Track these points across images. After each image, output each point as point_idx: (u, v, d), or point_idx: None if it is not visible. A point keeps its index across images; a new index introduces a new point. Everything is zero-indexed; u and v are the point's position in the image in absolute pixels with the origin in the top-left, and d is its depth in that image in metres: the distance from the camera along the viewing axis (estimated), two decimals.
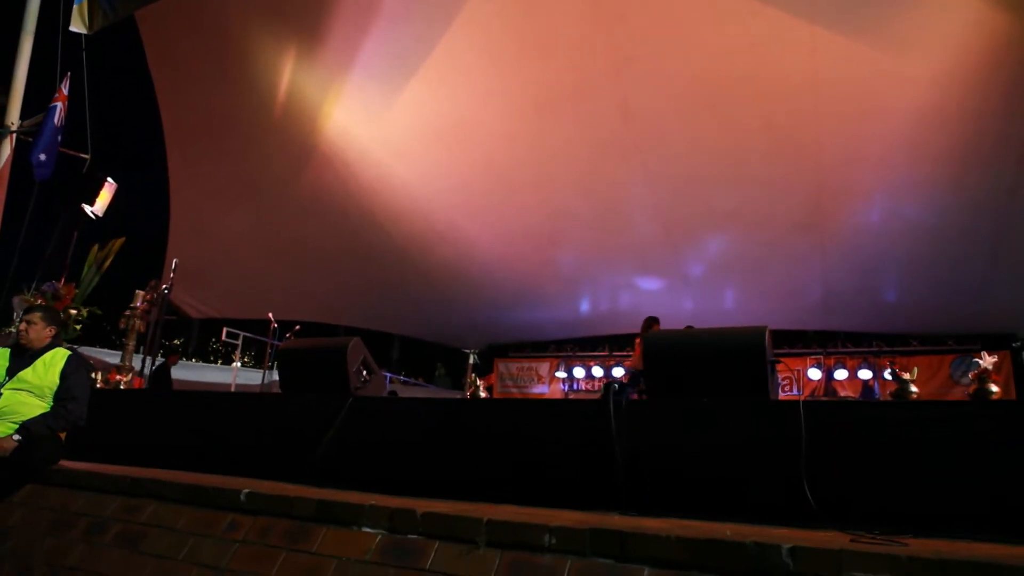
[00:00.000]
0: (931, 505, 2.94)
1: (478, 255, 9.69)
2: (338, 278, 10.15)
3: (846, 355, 10.60)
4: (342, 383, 4.33)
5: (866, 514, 3.01)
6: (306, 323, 9.85)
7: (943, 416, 3.02)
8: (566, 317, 11.17)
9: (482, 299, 10.73)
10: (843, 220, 8.19)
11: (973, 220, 7.63)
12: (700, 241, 9.09)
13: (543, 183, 8.30)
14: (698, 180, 8.03)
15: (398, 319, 11.86)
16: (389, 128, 7.78)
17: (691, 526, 2.77)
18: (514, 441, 3.82)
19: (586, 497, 3.54)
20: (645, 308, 10.71)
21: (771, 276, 9.42)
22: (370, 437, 4.17)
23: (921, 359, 10.29)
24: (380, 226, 9.15)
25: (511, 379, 12.65)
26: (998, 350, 9.85)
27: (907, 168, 7.28)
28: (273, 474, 4.27)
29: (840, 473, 3.12)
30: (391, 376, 12.50)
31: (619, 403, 3.55)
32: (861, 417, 3.17)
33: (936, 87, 6.37)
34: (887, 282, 9.17)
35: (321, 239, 9.39)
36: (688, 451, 3.42)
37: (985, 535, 2.79)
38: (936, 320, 9.74)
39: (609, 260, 9.69)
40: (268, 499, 2.88)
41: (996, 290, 8.60)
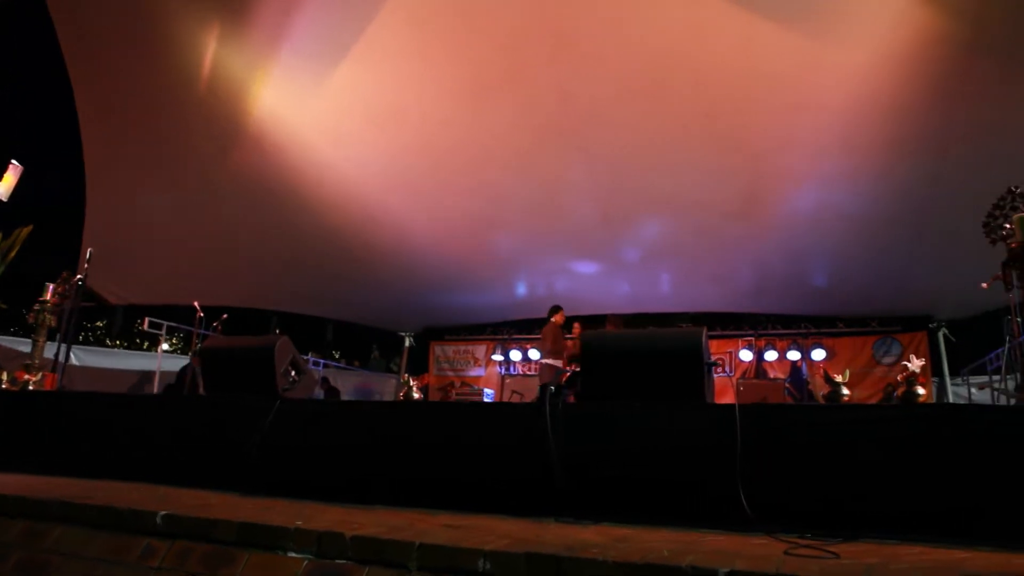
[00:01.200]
0: (865, 507, 2.98)
1: (413, 238, 9.50)
2: (268, 262, 9.82)
3: (776, 337, 10.88)
4: (269, 384, 4.15)
5: (801, 516, 3.04)
6: (235, 309, 9.49)
7: (875, 418, 3.06)
8: (503, 300, 11.10)
9: (418, 282, 10.57)
10: (776, 207, 8.32)
11: (898, 209, 7.85)
12: (637, 226, 9.12)
13: (480, 167, 8.16)
14: (635, 165, 8.02)
15: (331, 303, 11.58)
16: (320, 110, 7.48)
17: (628, 537, 2.74)
18: (450, 445, 3.73)
19: (524, 502, 3.48)
20: (582, 292, 10.78)
21: (706, 261, 9.55)
22: (300, 441, 4.01)
23: (846, 340, 10.67)
24: (312, 209, 8.85)
25: (447, 362, 12.55)
26: (916, 331, 10.30)
27: (838, 158, 7.42)
28: (198, 481, 4.07)
29: (775, 475, 3.14)
30: (324, 363, 12.20)
31: (555, 406, 3.49)
32: (795, 420, 3.19)
33: (866, 80, 6.47)
34: (816, 267, 9.41)
35: (250, 222, 9.04)
36: (625, 455, 3.39)
37: (916, 537, 2.85)
38: (861, 303, 10.08)
39: (546, 244, 9.65)
40: (186, 521, 2.70)
41: (916, 275, 8.92)
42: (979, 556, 2.56)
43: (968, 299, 9.19)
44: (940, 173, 7.18)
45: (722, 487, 3.12)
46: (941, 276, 8.81)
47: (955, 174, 7.10)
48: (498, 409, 3.70)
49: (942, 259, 8.41)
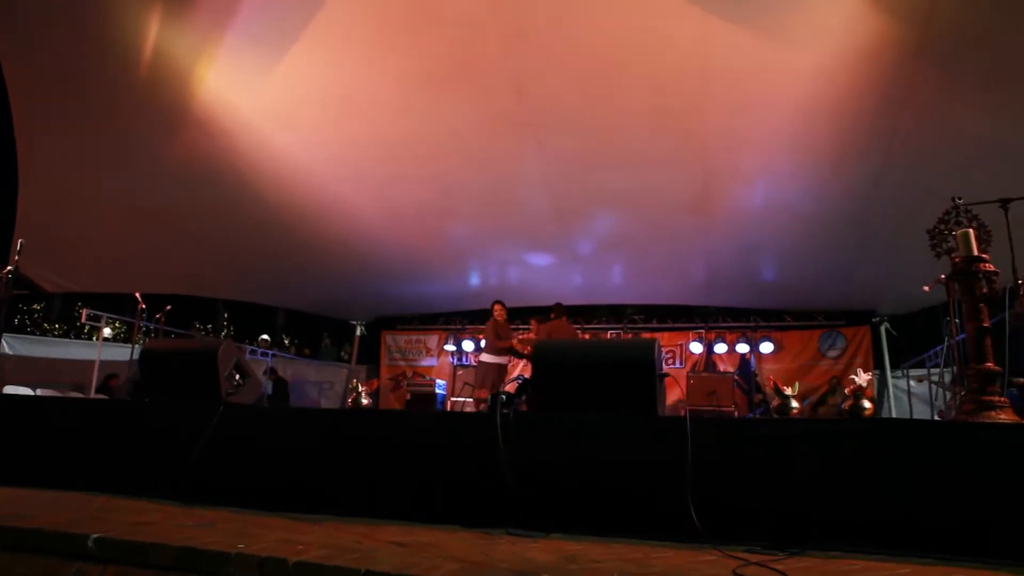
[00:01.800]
0: (812, 519, 3.02)
1: (365, 228, 9.34)
2: (216, 250, 9.53)
3: (726, 330, 11.06)
4: (213, 389, 4.01)
5: (751, 529, 3.07)
6: (181, 297, 9.22)
7: (822, 432, 3.10)
8: (455, 290, 11.03)
9: (369, 272, 10.41)
10: (727, 203, 8.41)
11: (845, 206, 8.01)
12: (590, 219, 9.13)
13: (432, 157, 8.04)
14: (589, 159, 8.01)
15: (281, 292, 11.33)
16: (269, 96, 7.25)
17: (578, 556, 2.72)
18: (399, 454, 3.66)
19: (474, 512, 3.45)
20: (535, 282, 10.78)
21: (658, 254, 9.62)
22: (245, 448, 3.90)
23: (793, 333, 10.91)
24: (261, 197, 8.61)
25: (399, 352, 12.43)
26: (860, 325, 10.58)
27: (788, 156, 7.52)
28: (140, 489, 3.94)
29: (726, 488, 3.16)
30: (272, 354, 11.95)
31: (506, 416, 3.45)
32: (745, 433, 3.22)
33: (817, 81, 6.55)
34: (766, 262, 9.56)
35: (196, 209, 8.75)
36: (577, 466, 3.38)
37: (862, 549, 2.91)
38: (808, 298, 10.31)
39: (499, 235, 9.60)
40: (120, 545, 2.59)
41: (861, 271, 9.14)
42: (918, 571, 2.62)
43: (909, 296, 9.47)
44: (884, 175, 7.34)
45: (673, 499, 3.13)
46: (884, 273, 9.05)
47: (898, 176, 7.27)
48: (449, 418, 3.65)
49: (885, 257, 8.62)
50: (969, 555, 2.80)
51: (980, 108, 6.29)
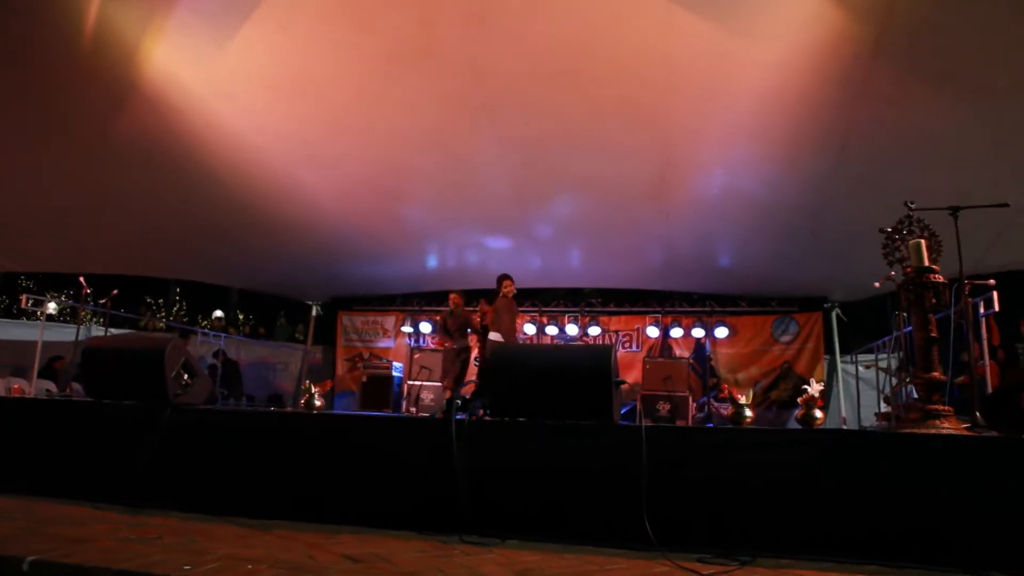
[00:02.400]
0: (764, 528, 3.07)
1: (319, 209, 9.14)
2: (166, 229, 9.24)
3: (682, 314, 11.18)
4: (160, 389, 3.89)
5: (704, 536, 3.12)
6: (130, 278, 8.93)
7: (775, 442, 3.14)
8: (413, 272, 10.91)
9: (324, 253, 10.22)
10: (686, 191, 8.44)
11: (799, 198, 8.10)
12: (549, 204, 9.08)
13: (388, 139, 7.87)
14: (548, 144, 7.93)
15: (234, 271, 11.07)
16: (220, 73, 6.99)
17: (531, 569, 2.72)
18: (353, 458, 3.61)
19: (429, 518, 3.43)
20: (493, 264, 10.69)
21: (616, 240, 9.63)
22: (194, 452, 3.80)
23: (747, 319, 11.09)
24: (211, 175, 8.34)
25: (355, 333, 12.28)
26: (812, 311, 10.80)
27: (746, 146, 7.55)
28: (85, 493, 3.82)
29: (680, 496, 3.19)
30: (225, 336, 11.69)
31: (461, 423, 3.42)
32: (699, 443, 3.24)
33: (776, 73, 6.56)
34: (722, 249, 9.66)
35: (144, 187, 8.44)
36: (532, 473, 3.37)
37: (811, 556, 2.97)
38: (762, 284, 10.47)
39: (457, 218, 9.49)
40: (58, 569, 2.50)
41: (815, 260, 9.30)
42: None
43: (860, 284, 9.66)
44: (839, 167, 7.43)
45: (628, 508, 3.15)
46: (836, 262, 9.21)
47: (853, 169, 7.36)
48: (405, 424, 3.60)
49: (838, 247, 8.77)
50: (916, 563, 2.89)
51: (936, 105, 6.39)
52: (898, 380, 8.02)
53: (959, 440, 2.97)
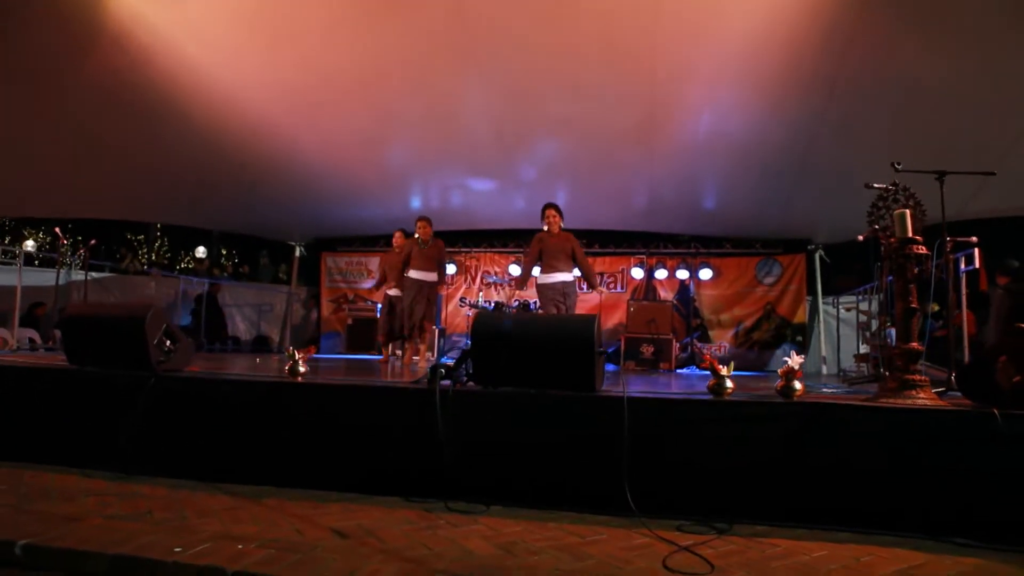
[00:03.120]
0: (742, 496, 3.17)
1: (299, 153, 8.96)
2: (141, 173, 9.04)
3: (667, 256, 11.20)
4: (142, 358, 3.88)
5: (683, 503, 3.21)
6: (108, 223, 8.78)
7: (756, 415, 3.20)
8: (396, 213, 10.78)
9: (306, 195, 10.08)
10: (672, 134, 8.33)
11: (787, 140, 8.03)
12: (532, 146, 8.94)
13: (369, 83, 7.66)
14: (533, 87, 7.76)
15: (213, 214, 10.87)
16: (193, 15, 6.72)
17: (515, 543, 2.80)
18: (340, 425, 3.65)
19: (417, 484, 3.50)
20: (477, 207, 10.65)
21: (601, 182, 9.55)
22: (180, 419, 3.83)
23: (731, 260, 11.14)
24: (187, 119, 8.11)
25: (340, 274, 12.23)
26: (796, 253, 10.86)
27: (734, 89, 7.43)
28: (73, 459, 3.85)
29: (659, 465, 3.27)
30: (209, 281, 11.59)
31: (445, 393, 3.46)
32: (681, 414, 3.30)
33: (767, 14, 6.40)
34: (707, 191, 9.61)
35: (117, 131, 8.21)
36: (515, 442, 3.43)
37: (788, 523, 3.08)
38: (747, 226, 10.47)
39: (440, 161, 9.35)
40: (51, 553, 2.54)
41: (799, 202, 9.28)
42: (833, 551, 2.78)
43: (844, 226, 9.70)
44: (826, 111, 7.35)
45: (610, 475, 3.23)
46: (821, 205, 9.21)
47: (840, 113, 7.30)
48: (389, 393, 3.63)
49: (822, 190, 8.76)
50: (885, 529, 3.01)
51: (926, 52, 6.29)
52: (878, 323, 8.14)
53: (930, 413, 3.05)
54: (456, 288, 11.82)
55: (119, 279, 10.78)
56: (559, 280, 7.25)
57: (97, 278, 10.39)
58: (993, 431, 2.96)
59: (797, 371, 3.26)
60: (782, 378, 3.29)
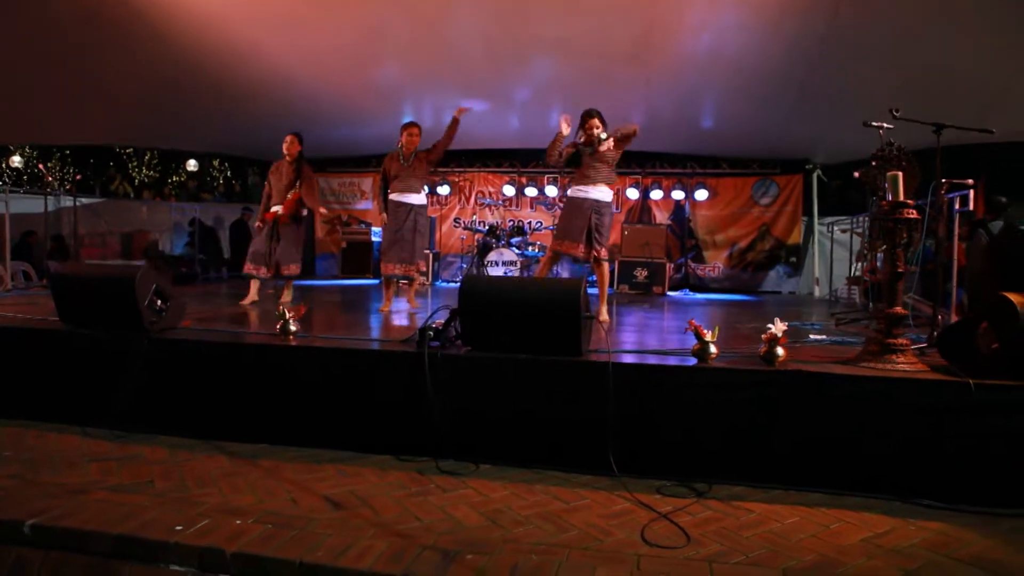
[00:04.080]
0: (721, 457, 3.29)
1: (285, 73, 8.68)
2: (121, 98, 8.80)
3: (662, 176, 11.05)
4: (134, 319, 3.91)
5: (665, 463, 3.34)
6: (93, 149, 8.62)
7: (738, 382, 3.28)
8: (388, 132, 10.52)
9: (293, 116, 9.76)
10: (669, 54, 8.07)
11: (786, 63, 7.80)
12: (526, 67, 8.67)
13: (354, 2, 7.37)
14: (527, 4, 7.46)
15: (198, 137, 10.64)
16: None
17: (501, 511, 2.92)
18: (332, 385, 3.74)
19: (408, 442, 3.62)
20: (470, 125, 10.36)
21: (597, 101, 9.20)
22: (175, 380, 3.91)
23: (728, 180, 11.00)
24: (167, 40, 7.81)
25: (333, 195, 12.09)
26: (793, 173, 10.72)
27: (734, 10, 7.16)
28: (75, 418, 3.96)
29: (642, 427, 3.37)
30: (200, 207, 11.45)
31: (434, 357, 3.52)
32: (665, 379, 3.38)
33: None
34: (705, 111, 9.40)
35: (94, 54, 7.94)
36: (504, 404, 3.53)
37: (764, 484, 3.22)
38: (744, 146, 10.28)
39: (431, 81, 9.08)
40: (58, 533, 2.66)
41: (797, 123, 9.09)
42: (807, 516, 2.92)
43: (842, 147, 9.55)
44: (828, 33, 7.10)
45: (594, 437, 3.34)
46: (820, 126, 9.03)
47: (841, 35, 7.05)
48: (380, 356, 3.69)
49: (822, 111, 8.57)
50: (855, 490, 3.14)
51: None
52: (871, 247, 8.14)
53: (907, 383, 3.13)
54: (450, 209, 11.73)
55: (110, 204, 10.65)
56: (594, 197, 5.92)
57: (87, 204, 10.27)
58: (966, 401, 3.04)
59: (780, 337, 3.31)
60: (765, 344, 3.34)
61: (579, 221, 5.83)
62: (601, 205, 5.91)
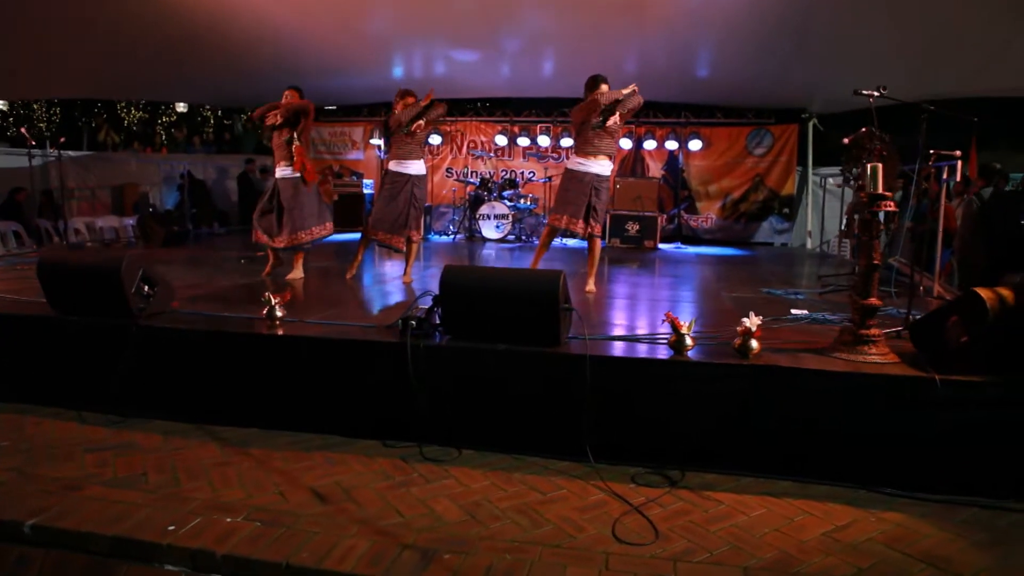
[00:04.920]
0: (694, 445, 3.42)
1: (271, 24, 8.48)
2: (105, 50, 8.63)
3: (656, 125, 10.91)
4: (121, 307, 3.98)
5: (640, 450, 3.46)
6: (77, 101, 8.47)
7: (712, 375, 3.38)
8: (378, 83, 10.42)
9: (281, 67, 9.60)
10: (664, 3, 7.88)
11: (783, 12, 7.63)
12: (517, 19, 8.48)
13: None
14: None
15: (186, 89, 10.47)
16: None
17: (480, 503, 3.05)
18: (320, 373, 3.83)
19: (394, 428, 3.74)
20: (461, 76, 10.27)
21: (589, 52, 9.12)
22: (166, 365, 4.01)
23: (722, 130, 10.88)
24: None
25: (324, 145, 11.96)
26: (788, 123, 10.59)
27: None
28: (72, 402, 4.06)
29: (619, 417, 3.48)
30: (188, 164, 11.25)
31: (416, 347, 3.61)
32: (640, 371, 3.47)
33: None
34: (700, 60, 9.23)
35: (72, 13, 7.76)
36: (484, 392, 3.64)
37: (735, 471, 3.36)
38: (739, 95, 10.14)
39: (421, 32, 8.89)
40: (57, 533, 2.79)
41: (793, 73, 8.97)
42: (772, 507, 3.06)
43: (840, 96, 9.36)
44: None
45: (572, 424, 3.46)
46: (817, 75, 8.90)
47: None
48: (364, 346, 3.77)
49: (819, 61, 8.44)
50: (821, 478, 3.28)
51: None
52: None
53: (875, 378, 3.22)
54: (442, 159, 11.64)
55: (98, 158, 10.53)
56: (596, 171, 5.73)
57: (75, 157, 10.18)
58: (932, 396, 3.14)
59: (755, 331, 3.38)
60: (740, 336, 3.41)
61: (580, 196, 5.68)
62: (601, 180, 5.75)
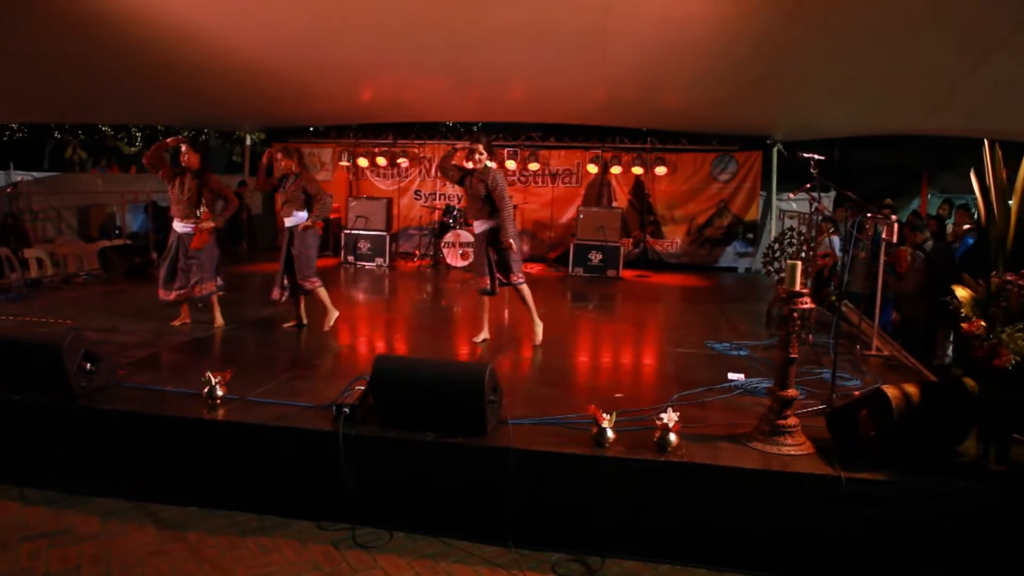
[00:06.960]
0: (615, 534, 3.55)
1: (236, 55, 8.48)
2: (65, 79, 8.60)
3: (622, 151, 11.00)
4: (63, 386, 4.04)
5: (562, 538, 3.59)
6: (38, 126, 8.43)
7: (631, 470, 3.50)
8: (346, 107, 10.43)
9: (246, 95, 9.66)
10: (628, 40, 7.93)
11: (752, 50, 7.70)
12: (484, 51, 8.51)
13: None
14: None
15: (152, 112, 10.41)
16: None
17: None
18: (257, 456, 3.93)
19: (328, 509, 3.84)
20: (429, 100, 10.30)
21: (556, 81, 9.20)
22: (107, 445, 4.09)
23: (688, 156, 10.99)
24: (111, 23, 7.59)
25: None
26: (753, 150, 10.71)
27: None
28: (15, 477, 4.12)
29: (541, 505, 3.61)
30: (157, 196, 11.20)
31: (348, 437, 3.71)
32: (562, 465, 3.59)
33: None
34: (667, 89, 9.29)
35: (38, 38, 7.72)
36: (413, 477, 3.75)
37: (653, 558, 3.50)
38: (705, 123, 10.23)
39: (388, 63, 8.90)
40: None
41: (757, 104, 9.05)
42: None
43: (803, 126, 9.54)
44: (792, 19, 6.98)
45: (498, 512, 3.57)
46: (783, 108, 9.00)
47: (807, 21, 6.93)
48: (299, 434, 3.86)
49: (787, 94, 8.53)
50: (735, 566, 3.42)
51: None
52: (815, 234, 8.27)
53: (782, 475, 3.36)
54: (411, 181, 11.69)
55: (63, 178, 10.48)
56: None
57: (40, 178, 10.14)
58: (838, 491, 3.28)
59: (672, 426, 3.49)
60: (659, 431, 3.52)
61: (480, 256, 5.86)
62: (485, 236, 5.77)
